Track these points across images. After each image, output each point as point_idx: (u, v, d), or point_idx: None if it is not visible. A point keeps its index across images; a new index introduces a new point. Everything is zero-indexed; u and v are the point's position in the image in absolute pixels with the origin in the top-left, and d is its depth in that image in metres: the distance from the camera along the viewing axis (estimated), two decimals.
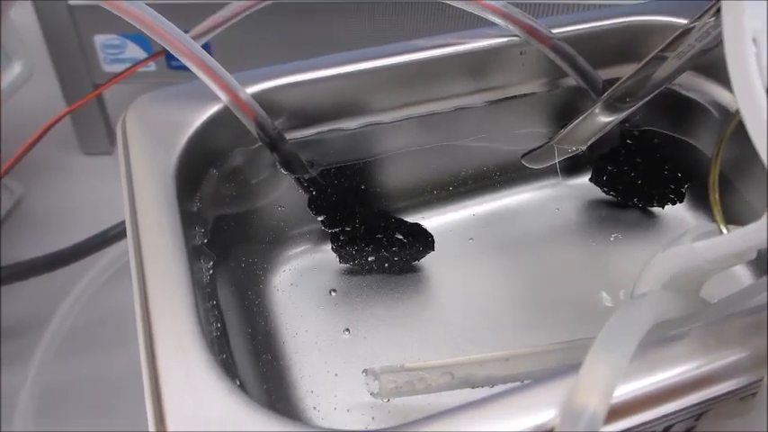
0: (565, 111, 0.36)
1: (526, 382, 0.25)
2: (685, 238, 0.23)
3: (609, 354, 0.20)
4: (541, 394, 0.20)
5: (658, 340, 0.21)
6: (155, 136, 0.27)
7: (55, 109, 0.50)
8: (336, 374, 0.29)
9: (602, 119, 0.32)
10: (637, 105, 0.31)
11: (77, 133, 0.54)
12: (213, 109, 0.29)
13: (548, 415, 0.19)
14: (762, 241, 0.19)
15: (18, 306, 0.42)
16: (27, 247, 0.44)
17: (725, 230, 0.21)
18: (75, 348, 0.41)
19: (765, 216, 0.19)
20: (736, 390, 0.21)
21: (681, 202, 0.36)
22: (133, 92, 0.55)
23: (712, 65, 0.33)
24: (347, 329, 0.31)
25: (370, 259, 0.32)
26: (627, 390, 0.20)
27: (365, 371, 0.26)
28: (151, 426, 0.18)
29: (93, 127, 0.53)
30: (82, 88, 0.50)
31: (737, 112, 0.18)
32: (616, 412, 0.20)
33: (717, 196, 0.22)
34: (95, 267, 0.45)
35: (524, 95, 0.35)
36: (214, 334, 0.24)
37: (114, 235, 0.43)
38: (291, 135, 0.31)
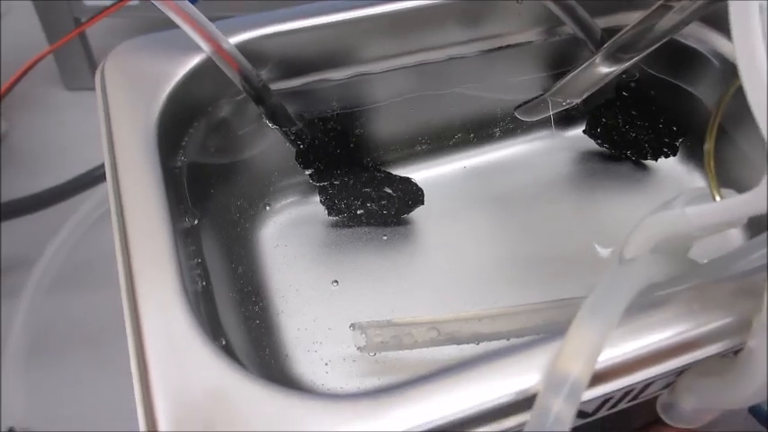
0: (562, 59, 0.35)
1: (511, 339, 0.25)
2: (677, 202, 0.23)
3: (594, 321, 0.20)
4: (526, 360, 0.20)
5: (644, 306, 0.21)
6: (135, 89, 0.26)
7: (35, 43, 0.49)
8: (324, 327, 0.29)
9: (600, 70, 0.31)
10: (637, 57, 0.30)
11: (60, 68, 0.52)
12: (195, 60, 0.28)
13: (532, 380, 0.19)
14: (752, 211, 0.19)
15: (5, 246, 0.42)
16: (13, 186, 0.43)
17: (718, 197, 0.21)
18: (64, 287, 0.41)
19: (758, 187, 0.19)
20: (719, 353, 0.21)
21: (674, 155, 0.35)
22: (115, 24, 0.54)
23: (715, 14, 0.32)
24: (335, 281, 0.31)
25: (359, 212, 0.32)
26: (610, 355, 0.20)
27: (352, 325, 0.26)
28: (138, 397, 0.18)
29: (76, 61, 0.52)
30: (62, 23, 0.49)
31: (735, 80, 0.18)
32: (599, 377, 0.20)
33: (712, 163, 0.21)
34: (83, 208, 0.44)
35: (520, 44, 0.34)
36: (199, 291, 0.24)
37: (100, 175, 0.43)
38: (278, 86, 0.30)
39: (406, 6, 0.30)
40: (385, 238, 0.33)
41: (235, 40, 0.28)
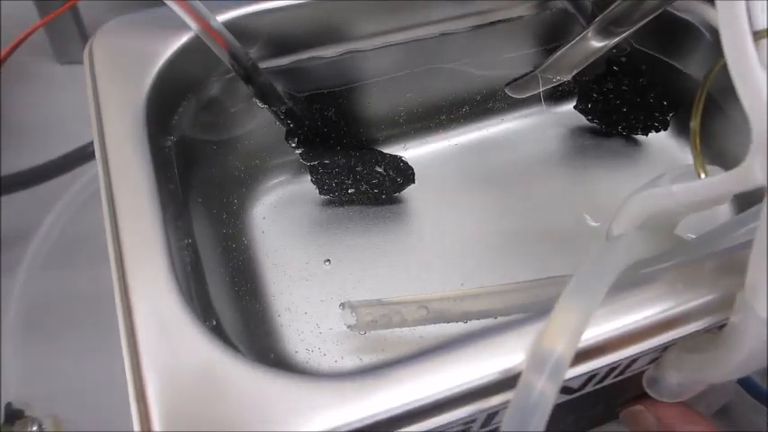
0: (553, 33, 0.35)
1: (499, 318, 0.26)
2: (664, 179, 0.23)
3: (578, 299, 0.20)
4: (511, 339, 0.20)
5: (629, 284, 0.21)
6: (123, 68, 0.26)
7: (25, 13, 0.49)
8: (315, 305, 0.30)
9: (592, 45, 0.31)
10: (630, 31, 0.30)
11: (51, 41, 0.52)
12: (184, 38, 0.27)
13: (516, 359, 0.20)
14: (735, 188, 0.19)
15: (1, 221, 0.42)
16: (7, 160, 0.43)
17: (703, 175, 0.21)
18: (60, 263, 0.41)
19: (741, 165, 0.19)
20: (703, 329, 0.21)
21: (665, 130, 0.35)
22: None
23: None
24: (327, 260, 0.31)
25: (350, 191, 0.32)
26: (594, 333, 0.20)
27: (342, 304, 0.27)
28: (129, 382, 0.18)
29: (67, 35, 0.51)
30: None
31: (720, 58, 0.18)
32: (584, 355, 0.20)
33: (698, 141, 0.21)
34: (78, 183, 0.44)
35: (511, 19, 0.33)
36: (189, 272, 0.24)
37: (93, 151, 0.42)
38: (267, 64, 0.30)
39: None
40: (376, 217, 0.33)
41: (223, 17, 0.28)
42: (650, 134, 0.35)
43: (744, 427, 0.33)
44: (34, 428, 0.30)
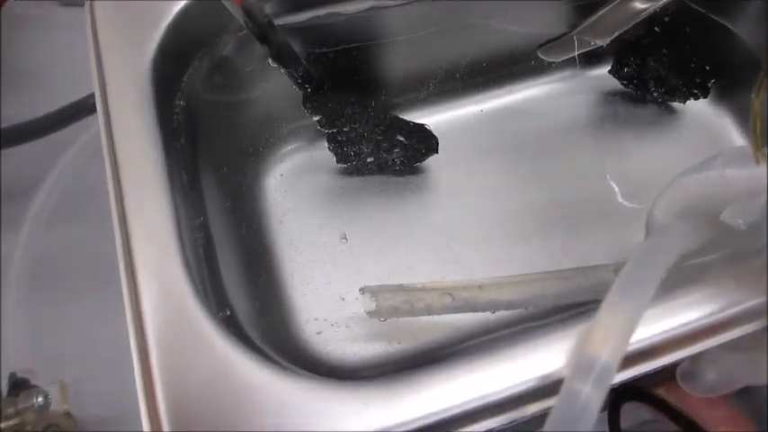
0: None
1: (530, 308, 0.24)
2: (716, 162, 0.21)
3: (625, 302, 0.18)
4: (549, 343, 0.19)
5: (674, 281, 0.20)
6: (127, 24, 0.24)
7: None
8: (333, 287, 0.28)
9: (634, 7, 0.28)
10: None
11: None
12: None
13: (555, 364, 0.18)
14: None
15: (4, 174, 0.40)
16: (10, 109, 0.41)
17: (763, 161, 0.19)
18: (65, 218, 0.40)
19: None
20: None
21: (705, 97, 0.33)
22: None
23: None
24: (344, 236, 0.30)
25: (369, 161, 0.30)
26: (641, 336, 0.19)
27: (362, 289, 0.25)
28: (138, 380, 0.17)
29: None
30: None
31: None
32: (629, 360, 0.19)
33: (759, 124, 0.19)
34: (81, 138, 0.43)
35: None
36: (201, 255, 0.22)
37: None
38: (283, 20, 0.27)
39: None
40: (397, 188, 0.31)
41: None
42: (688, 101, 0.33)
43: (763, 407, 0.32)
44: (39, 399, 0.29)
